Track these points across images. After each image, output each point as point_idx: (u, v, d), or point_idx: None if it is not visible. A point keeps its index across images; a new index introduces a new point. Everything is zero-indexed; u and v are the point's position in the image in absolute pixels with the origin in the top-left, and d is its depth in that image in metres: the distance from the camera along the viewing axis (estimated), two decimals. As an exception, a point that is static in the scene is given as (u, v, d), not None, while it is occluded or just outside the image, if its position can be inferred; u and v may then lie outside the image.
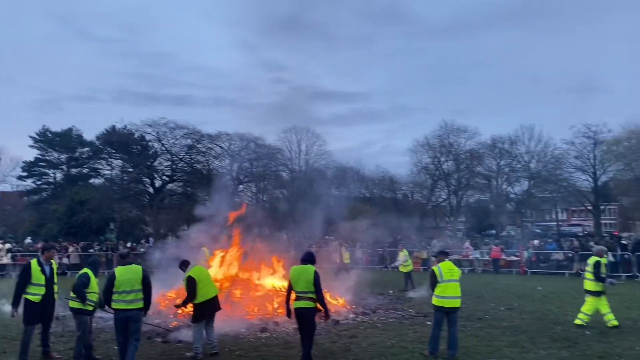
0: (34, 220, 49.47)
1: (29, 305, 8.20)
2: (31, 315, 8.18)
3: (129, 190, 41.53)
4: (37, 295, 8.23)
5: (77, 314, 8.24)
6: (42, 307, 8.27)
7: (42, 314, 8.32)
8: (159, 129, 40.71)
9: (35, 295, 8.22)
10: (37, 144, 57.33)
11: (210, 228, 16.20)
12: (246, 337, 10.38)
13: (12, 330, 10.67)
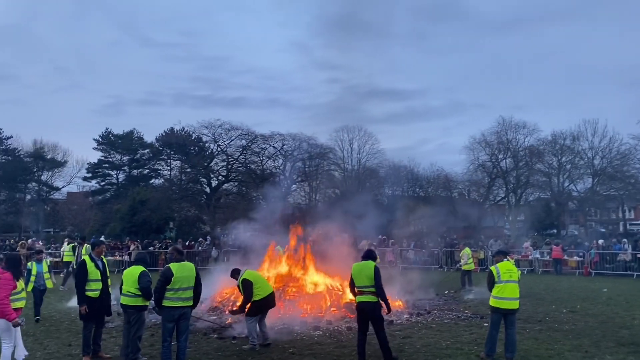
0: (98, 219, 51.82)
1: (88, 301, 8.39)
2: (90, 312, 8.38)
3: (187, 190, 42.76)
4: (96, 290, 8.45)
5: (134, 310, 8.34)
6: (100, 302, 8.49)
7: (99, 310, 8.53)
8: (214, 130, 41.73)
9: (94, 291, 8.43)
10: (101, 147, 60.08)
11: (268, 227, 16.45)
12: (299, 335, 10.43)
13: (78, 325, 11.18)
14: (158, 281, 7.62)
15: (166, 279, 7.58)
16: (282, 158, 44.16)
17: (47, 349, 9.26)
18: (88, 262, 8.55)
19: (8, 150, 56.03)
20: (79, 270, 8.58)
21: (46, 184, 59.43)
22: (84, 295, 8.37)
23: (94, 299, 8.40)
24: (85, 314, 8.32)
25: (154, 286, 7.84)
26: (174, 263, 7.82)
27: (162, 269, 7.76)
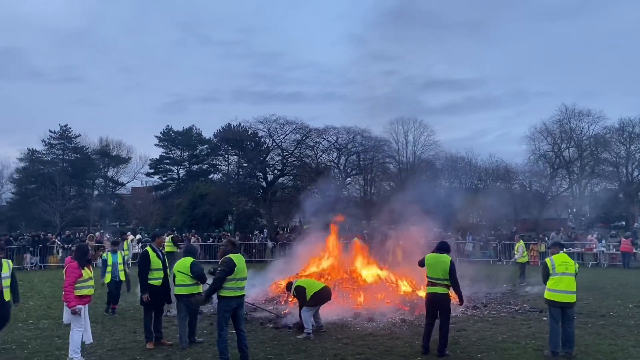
0: (161, 213, 53.90)
1: (151, 289, 8.83)
2: (153, 299, 8.81)
3: (244, 184, 43.65)
4: (158, 279, 8.91)
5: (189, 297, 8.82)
6: (161, 290, 8.94)
7: (161, 298, 8.97)
8: (270, 125, 42.31)
9: (156, 279, 8.90)
10: (162, 143, 62.45)
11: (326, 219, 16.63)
12: (353, 326, 10.52)
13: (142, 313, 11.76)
14: (220, 271, 7.67)
15: (229, 269, 7.64)
16: (336, 151, 44.25)
17: (114, 335, 9.80)
18: (150, 252, 9.01)
19: (77, 148, 59.21)
20: (142, 260, 9.03)
21: (112, 180, 62.43)
22: (146, 283, 8.83)
23: (156, 287, 8.86)
24: (147, 301, 8.77)
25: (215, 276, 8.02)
26: (234, 254, 7.93)
27: (223, 260, 7.83)
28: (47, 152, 58.49)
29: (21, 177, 57.03)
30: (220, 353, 7.64)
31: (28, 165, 57.36)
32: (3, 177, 58.28)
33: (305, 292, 10.02)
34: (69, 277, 7.70)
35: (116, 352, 8.47)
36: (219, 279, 7.64)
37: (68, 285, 7.67)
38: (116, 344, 9.02)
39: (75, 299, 7.67)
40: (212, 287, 7.79)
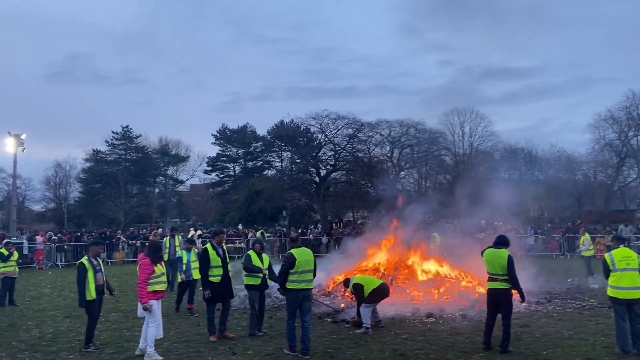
0: (219, 209, 55.31)
1: (210, 286, 9.03)
2: (213, 295, 9.02)
3: (298, 180, 44.03)
4: (217, 276, 9.08)
5: (248, 289, 9.60)
6: (221, 286, 9.10)
7: (221, 294, 9.14)
8: (322, 120, 42.42)
9: (215, 276, 9.07)
10: (218, 141, 63.99)
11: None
12: (412, 321, 10.42)
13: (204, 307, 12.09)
14: (282, 265, 8.24)
15: (290, 263, 8.10)
16: (389, 145, 43.82)
17: (178, 328, 10.15)
18: (210, 249, 9.19)
19: (138, 148, 61.62)
20: (202, 258, 9.24)
21: (172, 178, 64.62)
22: (207, 280, 9.03)
23: (216, 284, 9.04)
24: (208, 297, 8.98)
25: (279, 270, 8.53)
26: (295, 249, 8.35)
27: (285, 255, 8.39)
28: (111, 153, 61.19)
29: (87, 176, 60.00)
30: (289, 340, 8.14)
31: (93, 165, 60.26)
32: (71, 177, 61.53)
33: (363, 289, 10.00)
34: (142, 273, 7.97)
35: (181, 344, 8.76)
36: (281, 272, 8.23)
37: (142, 281, 7.95)
38: (181, 337, 9.33)
39: (148, 294, 7.97)
40: (278, 280, 8.42)
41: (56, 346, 8.74)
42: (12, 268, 13.49)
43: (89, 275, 8.34)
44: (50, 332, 9.90)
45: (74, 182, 61.47)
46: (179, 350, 8.41)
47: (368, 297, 9.90)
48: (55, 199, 61.97)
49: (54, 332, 9.84)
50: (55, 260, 24.83)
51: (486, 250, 8.44)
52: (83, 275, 8.34)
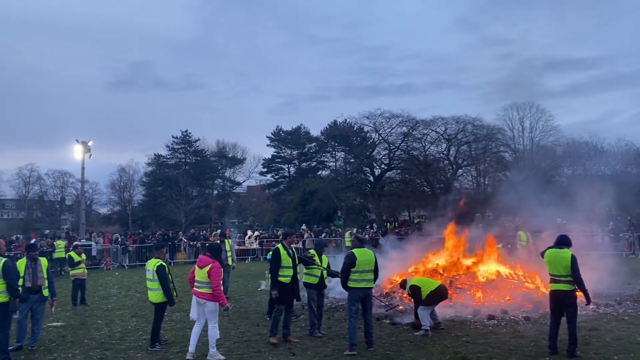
0: (275, 209, 56.10)
1: (280, 286, 8.97)
2: (282, 296, 9.01)
3: (352, 179, 44.01)
4: (287, 277, 9.05)
5: (306, 287, 9.82)
6: (290, 287, 9.06)
7: (289, 295, 9.09)
8: (375, 119, 42.21)
9: (285, 277, 9.05)
10: (273, 143, 64.90)
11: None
12: (472, 323, 10.18)
13: (263, 307, 12.32)
14: (344, 264, 8.49)
15: (351, 262, 8.39)
16: (445, 142, 42.99)
17: (239, 328, 10.36)
18: (281, 250, 9.20)
19: (197, 151, 63.52)
20: (273, 257, 9.27)
21: (229, 180, 66.18)
22: (277, 280, 9.05)
23: (286, 284, 9.01)
24: (276, 298, 9.00)
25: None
26: (356, 249, 8.60)
27: (346, 254, 8.65)
28: (171, 156, 63.40)
29: (149, 180, 62.39)
30: (350, 339, 8.22)
31: (155, 169, 62.63)
32: (134, 181, 64.19)
33: (421, 291, 9.85)
34: (216, 277, 8.07)
35: (242, 344, 8.93)
36: (342, 271, 8.52)
37: (218, 285, 8.10)
38: (242, 337, 9.52)
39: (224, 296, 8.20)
40: (340, 278, 8.68)
41: (124, 344, 9.13)
42: (82, 270, 14.05)
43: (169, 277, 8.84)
44: (118, 330, 10.35)
45: (137, 185, 64.19)
46: (240, 350, 8.58)
47: (426, 299, 9.76)
48: (120, 202, 64.81)
49: (122, 331, 10.28)
50: (121, 261, 25.91)
51: (547, 251, 8.14)
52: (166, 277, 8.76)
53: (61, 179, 65.34)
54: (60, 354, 8.52)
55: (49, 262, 9.80)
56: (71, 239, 25.94)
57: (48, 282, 9.18)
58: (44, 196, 66.18)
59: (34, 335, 8.95)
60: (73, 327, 10.72)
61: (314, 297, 9.59)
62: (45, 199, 66.30)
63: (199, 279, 8.14)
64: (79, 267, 14.02)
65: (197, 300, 8.13)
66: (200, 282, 8.11)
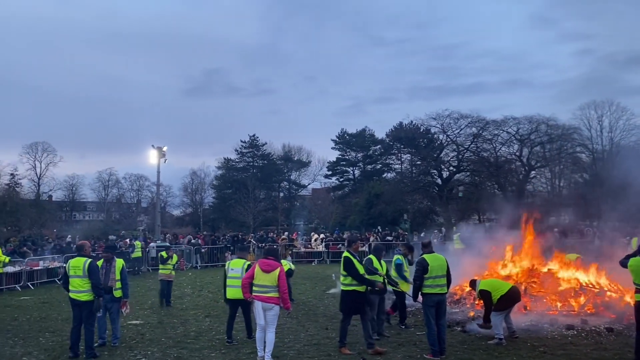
0: (339, 212, 56.24)
1: (353, 294, 8.50)
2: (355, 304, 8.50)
3: (419, 182, 43.36)
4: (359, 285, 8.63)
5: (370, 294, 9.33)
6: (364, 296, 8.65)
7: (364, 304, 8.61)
8: (443, 120, 41.38)
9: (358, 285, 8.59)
10: (338, 146, 65.11)
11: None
12: (550, 333, 9.73)
13: (332, 310, 12.38)
14: (416, 270, 8.41)
15: (424, 268, 8.33)
16: (517, 143, 41.43)
17: (308, 331, 10.44)
18: (353, 259, 8.70)
19: (264, 155, 64.90)
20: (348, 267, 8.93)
21: (295, 183, 67.06)
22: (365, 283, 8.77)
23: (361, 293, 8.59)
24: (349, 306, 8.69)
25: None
26: (427, 254, 8.51)
27: (418, 261, 8.56)
28: (240, 160, 65.13)
29: (219, 183, 64.44)
30: (431, 345, 8.19)
31: (224, 172, 64.57)
32: (205, 184, 66.50)
33: (491, 295, 9.51)
34: (285, 280, 8.20)
35: (311, 348, 9.00)
36: (416, 277, 8.41)
37: (287, 288, 8.23)
38: (311, 340, 9.59)
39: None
40: (413, 286, 8.55)
41: (199, 344, 9.44)
42: (168, 271, 14.06)
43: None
44: (193, 330, 10.72)
45: (208, 188, 66.47)
46: (310, 353, 8.65)
47: (497, 304, 9.40)
48: (192, 204, 67.32)
49: (197, 330, 10.64)
50: (194, 262, 26.82)
51: (631, 259, 7.67)
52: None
53: (137, 182, 68.83)
54: (139, 351, 8.93)
55: (126, 263, 10.24)
56: (147, 240, 27.17)
57: (121, 284, 9.36)
58: (122, 199, 69.86)
59: (114, 333, 9.40)
60: (151, 326, 11.22)
61: (375, 302, 9.45)
62: (123, 202, 69.96)
63: (266, 284, 7.97)
64: (167, 266, 14.06)
65: (262, 305, 7.98)
66: (267, 287, 7.96)
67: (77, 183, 66.20)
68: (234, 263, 9.78)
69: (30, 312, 13.23)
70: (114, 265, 9.39)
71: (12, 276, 18.51)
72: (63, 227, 58.19)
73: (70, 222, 66.44)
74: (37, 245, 24.43)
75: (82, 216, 73.23)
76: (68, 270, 8.64)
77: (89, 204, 72.51)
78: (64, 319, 11.71)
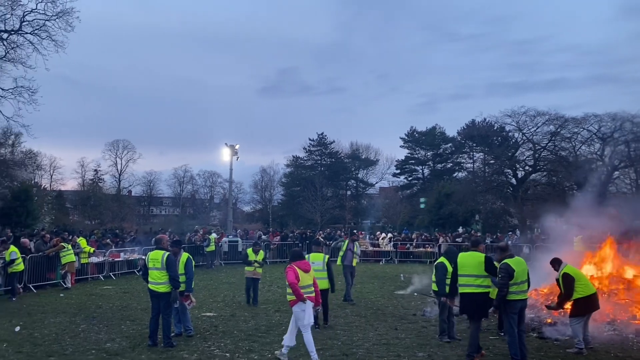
0: (407, 212, 55.57)
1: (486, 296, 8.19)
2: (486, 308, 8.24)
3: (492, 182, 41.92)
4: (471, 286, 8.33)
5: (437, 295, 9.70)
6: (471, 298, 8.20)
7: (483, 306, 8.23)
8: (518, 118, 39.71)
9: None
10: (407, 144, 64.33)
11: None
12: (635, 344, 9.13)
13: (401, 310, 12.21)
14: (502, 277, 7.93)
15: (510, 275, 7.91)
16: (599, 142, 39.06)
17: (377, 330, 10.36)
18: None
19: (332, 153, 65.25)
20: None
21: (362, 181, 66.96)
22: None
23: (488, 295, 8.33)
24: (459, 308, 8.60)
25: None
26: (509, 259, 8.12)
27: (501, 266, 8.01)
28: (308, 158, 65.87)
29: (288, 181, 65.52)
30: (513, 354, 7.88)
31: (293, 170, 65.54)
32: (274, 182, 67.81)
33: (573, 284, 8.81)
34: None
35: (381, 347, 8.93)
36: (503, 284, 7.92)
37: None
38: (380, 339, 9.52)
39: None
40: (499, 293, 7.98)
41: (269, 338, 9.62)
42: (252, 268, 13.43)
43: None
44: (263, 324, 10.94)
45: (277, 185, 67.67)
46: (379, 352, 8.58)
47: (576, 307, 8.86)
48: (262, 201, 68.81)
49: (267, 325, 10.84)
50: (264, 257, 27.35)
51: None
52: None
53: (210, 179, 71.29)
54: (214, 342, 9.23)
55: (200, 257, 10.55)
56: (221, 235, 28.03)
57: (185, 277, 9.50)
58: (195, 195, 72.60)
59: (185, 324, 9.74)
60: (223, 318, 11.56)
61: (444, 303, 9.43)
62: (197, 197, 72.70)
63: (309, 283, 8.25)
64: (250, 265, 13.48)
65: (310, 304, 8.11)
66: (310, 286, 8.25)
67: (154, 179, 69.54)
68: (314, 257, 10.74)
69: (112, 301, 14.01)
70: (179, 259, 9.60)
71: (96, 266, 19.71)
72: (141, 221, 61.39)
73: (147, 217, 69.88)
74: (119, 238, 25.82)
75: (159, 211, 76.82)
76: (147, 262, 9.08)
77: (165, 199, 75.88)
78: (142, 309, 12.33)
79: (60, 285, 16.85)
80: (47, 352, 8.40)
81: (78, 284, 17.53)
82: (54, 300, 14.15)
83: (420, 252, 27.61)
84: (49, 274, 16.90)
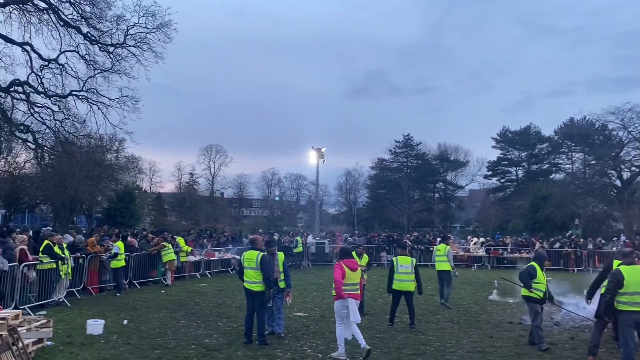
0: (500, 215, 53.28)
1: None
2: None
3: (593, 184, 39.26)
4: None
5: (528, 301, 9.30)
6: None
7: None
8: (623, 115, 36.90)
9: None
10: (499, 145, 61.75)
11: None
12: None
13: (495, 317, 11.71)
14: (609, 282, 7.55)
15: (617, 282, 7.40)
16: None
17: (471, 337, 9.99)
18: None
19: (418, 155, 64.16)
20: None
21: (451, 183, 65.15)
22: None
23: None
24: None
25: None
26: (625, 266, 7.58)
27: (612, 272, 7.61)
28: (393, 160, 65.25)
29: (373, 183, 65.29)
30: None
31: (378, 172, 65.20)
32: (359, 184, 67.87)
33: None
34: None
35: (475, 355, 8.60)
36: (609, 289, 7.55)
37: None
38: (475, 347, 9.16)
39: None
40: (603, 299, 7.71)
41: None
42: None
43: None
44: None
45: (361, 188, 67.69)
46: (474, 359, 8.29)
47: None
48: (346, 203, 69.11)
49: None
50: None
51: None
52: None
53: (297, 182, 72.80)
54: (305, 342, 9.34)
55: (286, 257, 10.79)
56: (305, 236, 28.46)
57: (284, 275, 9.85)
58: (282, 197, 74.41)
59: (278, 322, 9.94)
60: (314, 319, 11.68)
61: (538, 311, 9.19)
62: (284, 199, 74.46)
63: (356, 281, 8.54)
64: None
65: (355, 302, 8.43)
66: (356, 285, 8.54)
67: (244, 182, 72.14)
68: (402, 260, 11.07)
69: (208, 298, 14.65)
70: (276, 258, 9.90)
71: (193, 265, 20.74)
72: (232, 222, 63.83)
73: (238, 218, 72.57)
74: (214, 238, 26.98)
75: (249, 212, 79.51)
76: (243, 261, 9.38)
77: (254, 201, 78.41)
78: (237, 307, 12.77)
79: (161, 282, 17.91)
80: (153, 345, 8.91)
81: (177, 281, 18.54)
82: (155, 297, 15.02)
83: (515, 257, 26.34)
84: (151, 271, 18.01)
